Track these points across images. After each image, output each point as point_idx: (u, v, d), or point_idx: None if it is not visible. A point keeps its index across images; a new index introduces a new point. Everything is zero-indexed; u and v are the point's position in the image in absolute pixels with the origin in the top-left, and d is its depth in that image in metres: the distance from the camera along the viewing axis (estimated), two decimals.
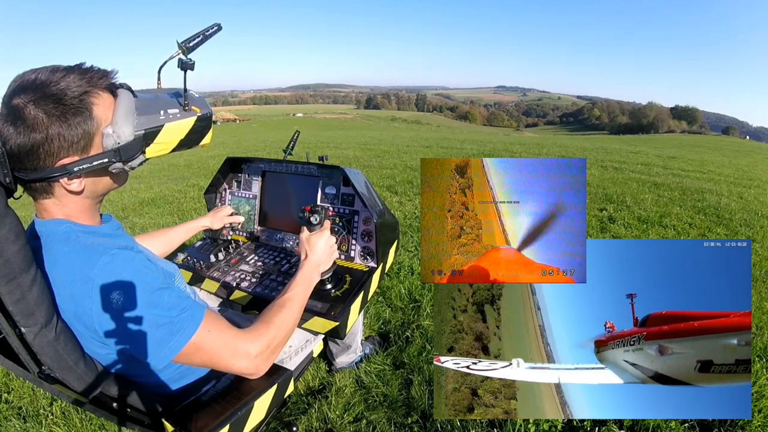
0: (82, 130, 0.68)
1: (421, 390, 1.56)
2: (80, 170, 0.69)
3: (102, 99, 0.71)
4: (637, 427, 1.37)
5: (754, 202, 4.97)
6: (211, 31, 0.87)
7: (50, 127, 0.65)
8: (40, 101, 0.64)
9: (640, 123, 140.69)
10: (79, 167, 0.69)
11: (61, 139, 0.66)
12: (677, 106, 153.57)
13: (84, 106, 0.68)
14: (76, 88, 0.67)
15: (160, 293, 0.72)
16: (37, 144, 0.65)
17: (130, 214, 4.57)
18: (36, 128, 0.64)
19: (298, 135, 1.61)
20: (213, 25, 0.88)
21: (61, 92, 0.65)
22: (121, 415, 0.82)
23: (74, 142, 0.68)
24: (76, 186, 0.72)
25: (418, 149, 10.20)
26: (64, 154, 0.68)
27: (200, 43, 0.85)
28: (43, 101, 0.65)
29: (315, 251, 1.04)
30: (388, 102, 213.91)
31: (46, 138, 0.65)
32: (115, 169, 0.74)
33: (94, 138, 0.70)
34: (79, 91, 0.67)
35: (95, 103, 0.69)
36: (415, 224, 3.54)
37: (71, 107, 0.66)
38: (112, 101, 0.73)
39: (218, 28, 0.88)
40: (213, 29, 0.87)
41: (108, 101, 0.72)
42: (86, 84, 0.68)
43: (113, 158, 0.72)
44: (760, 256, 3.02)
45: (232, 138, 19.77)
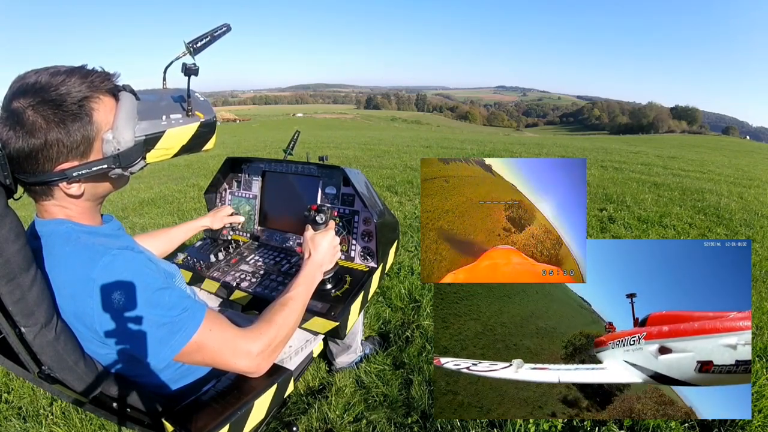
0: (82, 136, 0.67)
1: (421, 390, 1.56)
2: (79, 176, 0.69)
3: (103, 103, 0.70)
4: (637, 427, 1.37)
5: (754, 202, 4.96)
6: (220, 32, 0.84)
7: (49, 132, 0.64)
8: (39, 106, 0.64)
9: (640, 123, 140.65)
10: (78, 173, 0.68)
11: (60, 145, 0.66)
12: (677, 106, 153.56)
13: (84, 112, 0.67)
14: (76, 93, 0.66)
15: (161, 293, 0.72)
16: (36, 149, 0.65)
17: (130, 214, 4.57)
18: (35, 133, 0.64)
19: (298, 135, 1.61)
20: (222, 25, 0.86)
21: (60, 97, 0.65)
22: (121, 415, 0.82)
23: (73, 147, 0.67)
24: (76, 190, 0.72)
25: (418, 149, 10.19)
26: (63, 159, 0.67)
27: (208, 44, 0.83)
28: (43, 106, 0.64)
29: (318, 251, 1.04)
30: (388, 102, 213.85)
31: (44, 143, 0.65)
32: (114, 174, 0.74)
33: (94, 143, 0.70)
34: (79, 96, 0.66)
35: (95, 108, 0.69)
36: (415, 224, 3.54)
37: (71, 113, 0.65)
38: (114, 105, 0.72)
39: (227, 29, 0.86)
40: (221, 30, 0.85)
41: (109, 105, 0.71)
42: (87, 89, 0.67)
43: (112, 164, 0.71)
44: (760, 256, 3.02)
45: (232, 138, 19.78)
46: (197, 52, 0.82)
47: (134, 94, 0.76)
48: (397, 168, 6.62)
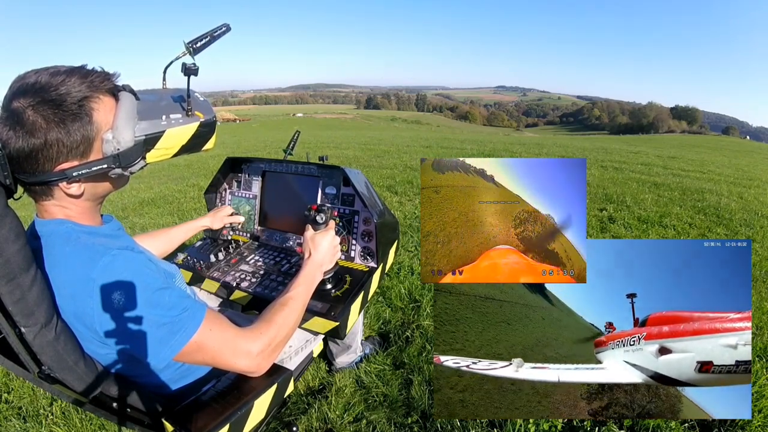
0: (81, 136, 0.67)
1: (421, 390, 1.56)
2: (79, 175, 0.69)
3: (103, 103, 0.70)
4: (637, 427, 1.37)
5: (754, 202, 4.96)
6: (219, 32, 0.84)
7: (49, 132, 0.64)
8: (39, 106, 0.64)
9: (640, 123, 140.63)
10: (78, 172, 0.68)
11: (60, 145, 0.66)
12: (677, 106, 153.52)
13: (84, 112, 0.67)
14: (76, 93, 0.66)
15: (161, 293, 0.72)
16: (36, 149, 0.65)
17: (130, 214, 4.57)
18: (35, 133, 0.64)
19: (298, 135, 1.60)
20: (221, 25, 0.85)
21: (60, 97, 0.65)
22: (121, 415, 0.82)
23: (73, 147, 0.67)
24: (75, 190, 0.72)
25: (418, 149, 10.19)
26: (62, 159, 0.67)
27: (208, 44, 0.82)
28: (42, 106, 0.64)
29: (319, 251, 1.04)
30: (388, 102, 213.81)
31: (44, 143, 0.65)
32: (114, 174, 0.74)
33: (94, 143, 0.70)
34: (79, 96, 0.66)
35: (95, 108, 0.68)
36: (415, 224, 3.54)
37: (70, 113, 0.66)
38: (114, 105, 0.72)
39: (227, 29, 0.85)
40: (221, 30, 0.84)
41: (109, 105, 0.71)
42: (86, 89, 0.67)
43: (112, 164, 0.71)
44: (760, 256, 3.02)
45: (232, 138, 19.78)
46: (197, 52, 0.82)
47: (134, 94, 0.76)
48: (397, 168, 6.62)
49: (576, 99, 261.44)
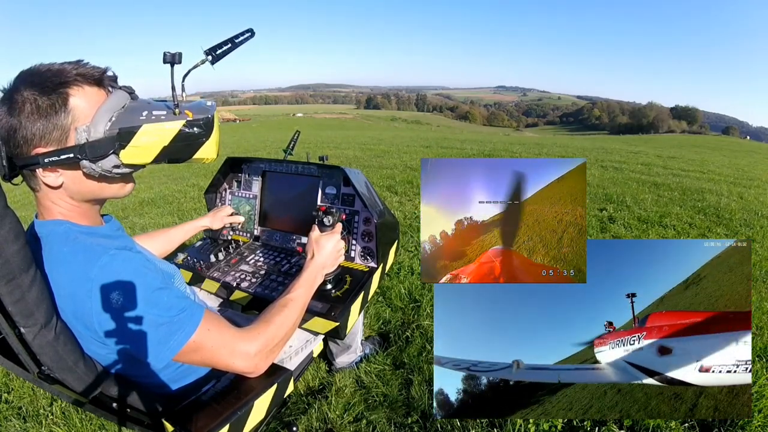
0: (55, 121, 0.67)
1: (421, 390, 1.56)
2: (49, 162, 0.68)
3: (84, 92, 0.69)
4: (637, 427, 1.37)
5: (754, 202, 4.96)
6: (242, 38, 0.80)
7: (23, 113, 0.66)
8: (26, 88, 0.66)
9: (640, 123, 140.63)
10: (48, 159, 0.68)
11: (34, 128, 0.67)
12: (677, 106, 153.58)
13: (60, 98, 0.67)
14: (56, 78, 0.67)
15: (160, 293, 0.72)
16: (14, 128, 0.67)
17: (130, 214, 4.57)
18: (13, 113, 0.66)
19: (298, 135, 1.60)
20: (245, 31, 0.81)
21: (43, 82, 0.67)
22: (121, 415, 0.82)
23: (47, 132, 0.67)
24: (52, 180, 0.71)
25: (418, 149, 10.19)
26: (37, 142, 0.68)
27: (229, 51, 0.78)
28: (28, 89, 0.66)
29: (322, 253, 1.03)
30: (388, 102, 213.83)
31: (20, 124, 0.66)
32: (85, 168, 0.70)
33: (69, 132, 0.69)
34: (57, 81, 0.67)
35: (73, 95, 0.68)
36: (415, 224, 3.54)
37: (46, 97, 0.66)
38: (99, 98, 0.70)
39: (251, 34, 0.81)
40: (244, 36, 0.80)
41: (93, 97, 0.70)
42: (69, 76, 0.68)
43: (78, 153, 0.68)
44: (760, 256, 3.01)
45: (232, 138, 19.79)
46: (217, 60, 0.76)
47: (130, 94, 0.74)
48: (397, 168, 6.63)
49: (576, 99, 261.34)
